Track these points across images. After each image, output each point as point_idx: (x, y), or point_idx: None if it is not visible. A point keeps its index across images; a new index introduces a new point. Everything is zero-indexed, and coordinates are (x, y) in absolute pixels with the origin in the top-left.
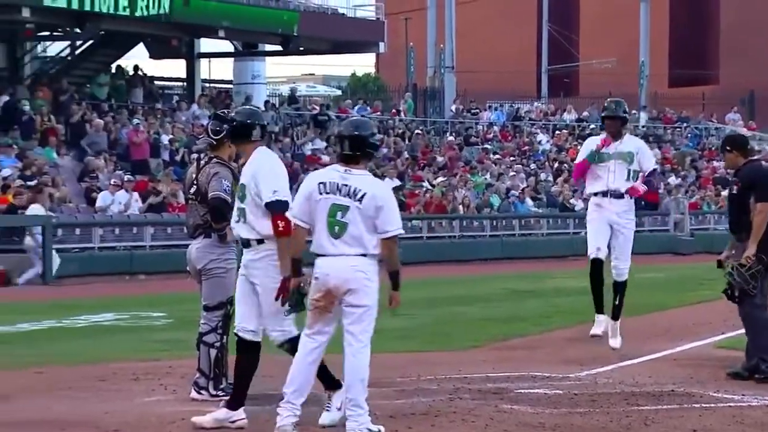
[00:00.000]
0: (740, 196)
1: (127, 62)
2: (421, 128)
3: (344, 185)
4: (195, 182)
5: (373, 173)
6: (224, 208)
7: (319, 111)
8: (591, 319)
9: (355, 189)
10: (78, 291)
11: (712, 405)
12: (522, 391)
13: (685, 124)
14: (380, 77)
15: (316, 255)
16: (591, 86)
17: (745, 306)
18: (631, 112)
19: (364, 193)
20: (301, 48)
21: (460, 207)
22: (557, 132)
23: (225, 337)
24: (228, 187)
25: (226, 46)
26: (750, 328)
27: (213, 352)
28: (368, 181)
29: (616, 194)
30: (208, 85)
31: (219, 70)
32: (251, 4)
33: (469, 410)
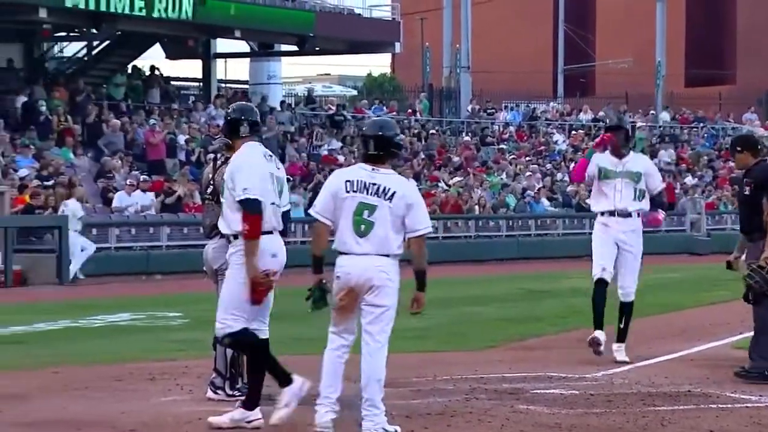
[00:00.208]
0: (752, 197)
1: (143, 62)
2: (437, 128)
3: (372, 184)
4: (211, 182)
5: None
6: None
7: (335, 111)
8: (607, 321)
9: (385, 188)
10: (94, 291)
11: (729, 406)
12: (538, 391)
13: (701, 124)
14: (396, 77)
15: (339, 253)
16: (607, 86)
17: (762, 307)
18: (648, 112)
19: (394, 192)
20: (317, 48)
21: (476, 207)
22: (573, 132)
23: None
24: None
25: (242, 46)
26: (762, 330)
27: (229, 351)
28: (397, 180)
29: (623, 213)
30: (224, 85)
31: (235, 70)
32: (267, 5)
33: (485, 410)
